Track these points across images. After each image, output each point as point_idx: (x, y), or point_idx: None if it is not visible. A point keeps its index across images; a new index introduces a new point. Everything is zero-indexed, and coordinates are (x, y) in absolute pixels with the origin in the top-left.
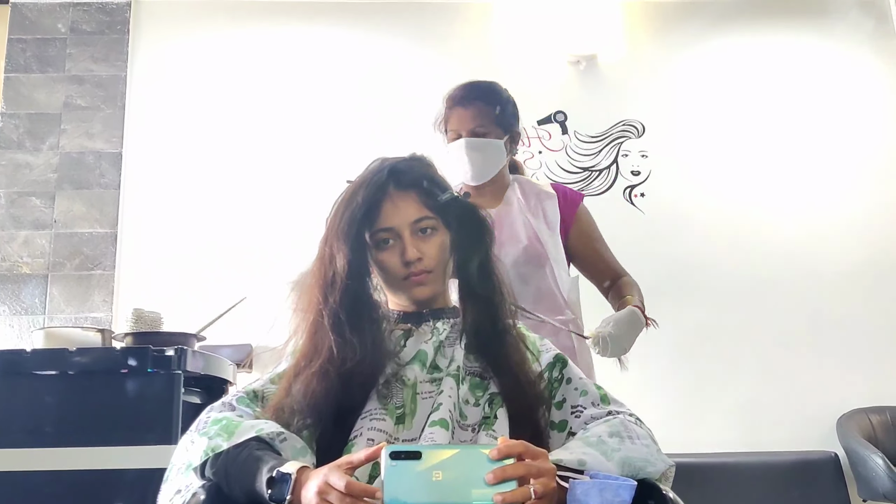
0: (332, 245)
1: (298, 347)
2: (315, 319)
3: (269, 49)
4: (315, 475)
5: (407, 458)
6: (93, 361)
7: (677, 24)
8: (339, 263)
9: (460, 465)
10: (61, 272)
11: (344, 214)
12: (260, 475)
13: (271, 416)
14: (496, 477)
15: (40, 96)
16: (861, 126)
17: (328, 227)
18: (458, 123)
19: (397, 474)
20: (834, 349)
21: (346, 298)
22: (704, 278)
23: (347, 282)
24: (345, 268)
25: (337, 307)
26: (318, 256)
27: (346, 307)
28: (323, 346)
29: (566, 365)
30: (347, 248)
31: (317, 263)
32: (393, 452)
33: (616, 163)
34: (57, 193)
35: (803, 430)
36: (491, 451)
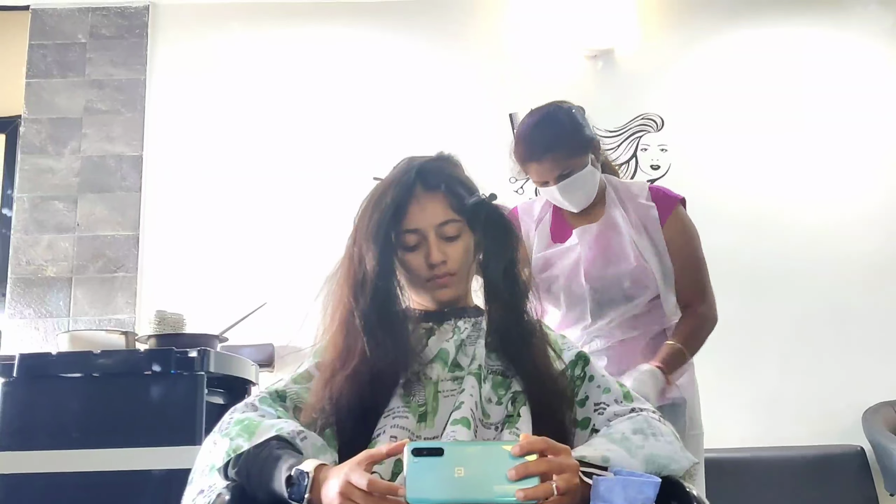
0: (360, 245)
1: (324, 347)
2: (346, 319)
3: (286, 50)
4: (335, 473)
5: (429, 454)
6: (117, 364)
7: (693, 15)
8: (370, 264)
9: (482, 462)
10: (84, 275)
11: (373, 215)
12: (279, 474)
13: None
14: (518, 473)
15: (61, 101)
16: (882, 116)
17: (356, 226)
18: (539, 176)
19: (420, 471)
20: (858, 341)
21: (377, 299)
22: (726, 271)
23: (378, 282)
24: (375, 269)
25: (368, 308)
26: (346, 256)
27: (377, 308)
28: (356, 348)
29: (588, 362)
30: (377, 248)
31: (345, 263)
32: (415, 449)
33: (635, 157)
34: (79, 197)
35: (828, 424)
36: (513, 447)
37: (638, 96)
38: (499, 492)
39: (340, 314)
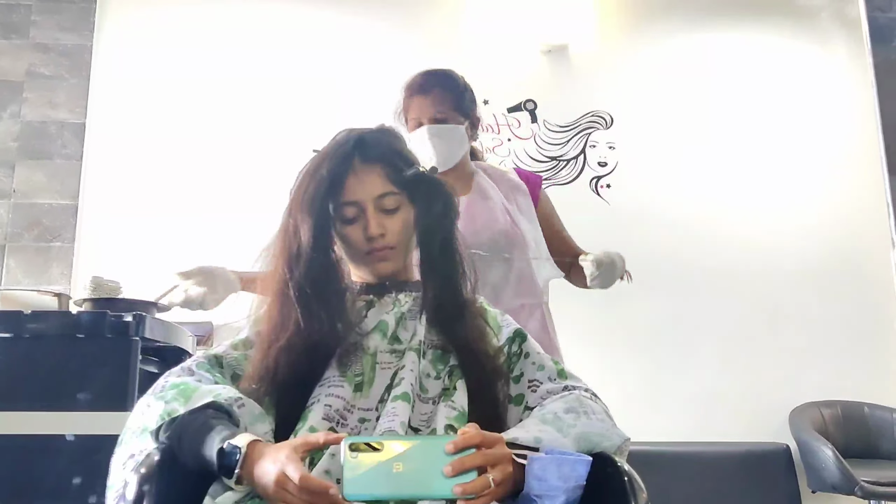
0: (296, 217)
1: (261, 317)
2: (281, 290)
3: (238, 23)
4: (270, 455)
5: (366, 449)
6: (48, 325)
7: (649, 18)
8: (304, 236)
9: (420, 457)
10: (19, 243)
11: (308, 186)
12: (211, 444)
13: (245, 387)
14: (455, 469)
15: (3, 63)
16: (825, 126)
17: (292, 198)
18: (418, 111)
19: (357, 466)
20: (789, 343)
21: (312, 271)
22: (666, 270)
23: (312, 254)
24: (310, 240)
25: (302, 280)
26: (281, 228)
27: (312, 280)
28: (289, 320)
29: (525, 340)
30: (312, 220)
31: (280, 235)
32: (352, 444)
33: (584, 153)
34: (17, 163)
35: (757, 422)
36: (447, 444)
37: (590, 93)
38: (437, 487)
39: (275, 286)
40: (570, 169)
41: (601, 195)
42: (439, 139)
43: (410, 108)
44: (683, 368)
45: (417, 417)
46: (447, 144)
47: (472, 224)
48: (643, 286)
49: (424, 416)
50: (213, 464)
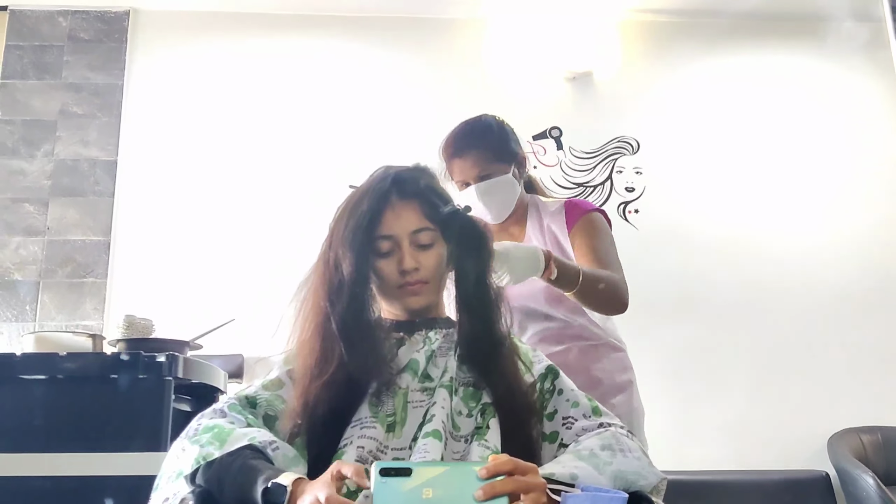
0: (336, 251)
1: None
2: (321, 324)
3: (266, 61)
4: (310, 489)
5: (397, 474)
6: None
7: (672, 42)
8: (346, 269)
9: (450, 483)
10: (53, 279)
11: (349, 221)
12: (255, 485)
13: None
14: (486, 493)
15: (36, 103)
16: (854, 146)
17: (332, 232)
18: (461, 174)
19: (387, 492)
20: (826, 368)
21: (354, 305)
22: (697, 295)
23: (354, 288)
24: (351, 274)
25: (345, 313)
26: (320, 261)
27: (354, 313)
28: (333, 354)
29: (558, 376)
30: (353, 254)
31: (320, 268)
32: (383, 469)
33: (611, 179)
34: (50, 200)
35: (794, 449)
36: (480, 469)
37: (615, 119)
38: None
39: (315, 319)
40: (598, 195)
41: (629, 220)
42: (489, 196)
43: (453, 172)
44: (717, 395)
45: (450, 456)
46: (498, 197)
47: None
48: (673, 312)
49: (457, 454)
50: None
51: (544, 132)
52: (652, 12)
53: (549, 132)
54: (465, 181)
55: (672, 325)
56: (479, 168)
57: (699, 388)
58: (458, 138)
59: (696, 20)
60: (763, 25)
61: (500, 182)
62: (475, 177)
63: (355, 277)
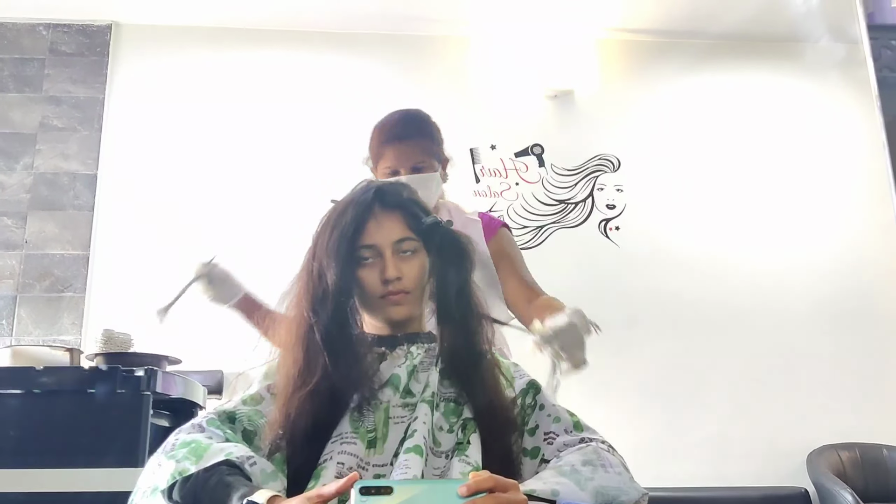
0: (321, 261)
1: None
2: (305, 335)
3: (248, 75)
4: None
5: (377, 493)
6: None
7: (652, 62)
8: (330, 280)
9: (431, 501)
10: (31, 293)
11: (333, 232)
12: (229, 502)
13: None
14: None
15: (16, 116)
16: (832, 164)
17: (316, 243)
18: (395, 160)
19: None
20: (804, 385)
21: (337, 315)
22: (677, 312)
23: (338, 298)
24: (336, 284)
25: (329, 324)
26: (303, 272)
27: (338, 324)
28: (316, 365)
29: (539, 391)
30: (337, 264)
31: (303, 279)
32: (363, 488)
33: (592, 196)
34: (29, 214)
35: (773, 466)
36: (461, 486)
37: (596, 137)
38: None
39: (299, 330)
40: (579, 212)
41: (610, 238)
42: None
43: (384, 156)
44: (697, 411)
45: (430, 471)
46: (426, 193)
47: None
48: (653, 329)
49: (437, 470)
50: None
51: (526, 149)
52: (632, 32)
53: (531, 149)
54: (395, 169)
55: (652, 341)
56: (416, 158)
57: (679, 404)
58: (401, 124)
59: (675, 40)
60: (742, 46)
61: (430, 177)
62: (409, 167)
63: (340, 287)
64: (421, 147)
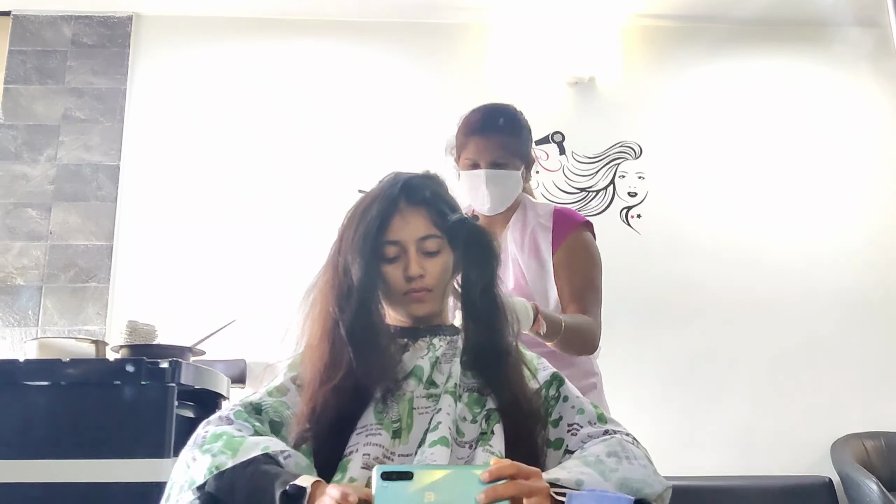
0: (346, 256)
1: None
2: (331, 330)
3: (270, 65)
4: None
5: (399, 478)
6: (86, 372)
7: (675, 48)
8: (355, 275)
9: (452, 487)
10: (55, 284)
11: (359, 227)
12: (273, 488)
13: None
14: (488, 497)
15: (39, 108)
16: (858, 152)
17: (341, 237)
18: (476, 154)
19: (388, 496)
20: (829, 373)
21: (363, 311)
22: (699, 300)
23: (363, 294)
24: (361, 280)
25: (354, 319)
26: (329, 266)
27: (363, 320)
28: (342, 360)
29: (563, 383)
30: (362, 260)
31: (329, 273)
32: (385, 473)
33: (613, 184)
34: (53, 205)
35: (797, 455)
36: (482, 472)
37: (617, 124)
38: None
39: (324, 324)
40: (600, 200)
41: (632, 225)
42: (495, 185)
43: (467, 148)
44: (719, 400)
45: (454, 462)
46: (503, 190)
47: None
48: (675, 318)
49: (461, 460)
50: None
51: (547, 137)
52: (654, 17)
53: (552, 137)
54: (476, 162)
55: (674, 331)
56: (498, 154)
57: (702, 394)
58: (489, 117)
59: (698, 25)
60: (766, 31)
61: (511, 175)
62: (490, 161)
63: (364, 283)
64: (504, 144)
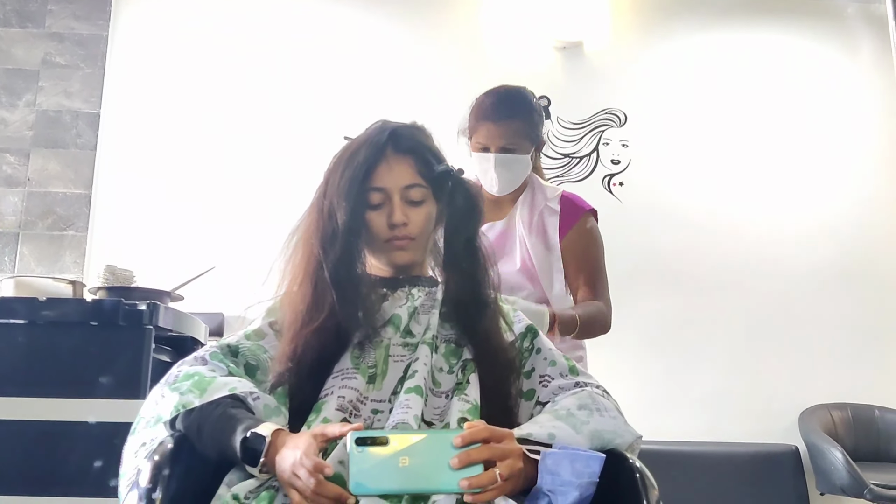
0: (332, 200)
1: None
2: (314, 271)
3: (257, 19)
4: (291, 443)
5: (373, 443)
6: (63, 312)
7: (664, 17)
8: (340, 219)
9: (427, 451)
10: (33, 231)
11: (345, 172)
12: (235, 434)
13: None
14: (461, 461)
15: (18, 52)
16: (839, 126)
17: (327, 181)
18: (486, 138)
19: (363, 461)
20: (800, 345)
21: (347, 254)
22: (678, 269)
23: (348, 237)
24: (346, 223)
25: (338, 262)
26: (313, 210)
27: (347, 263)
28: (325, 302)
29: (537, 335)
30: (348, 204)
31: (313, 216)
32: (359, 438)
33: (597, 151)
34: (32, 151)
35: (767, 423)
36: (455, 437)
37: (603, 91)
38: (443, 481)
39: (307, 267)
40: (583, 166)
41: (614, 193)
42: (504, 168)
43: (478, 132)
44: (694, 368)
45: (430, 411)
46: (512, 173)
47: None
48: (653, 285)
49: (437, 409)
50: (237, 452)
51: None
52: None
53: (537, 100)
54: (486, 146)
55: (652, 298)
56: (507, 139)
57: (677, 360)
58: (500, 103)
59: None
60: (757, 3)
61: (520, 160)
62: (500, 146)
63: (349, 226)
64: (514, 129)
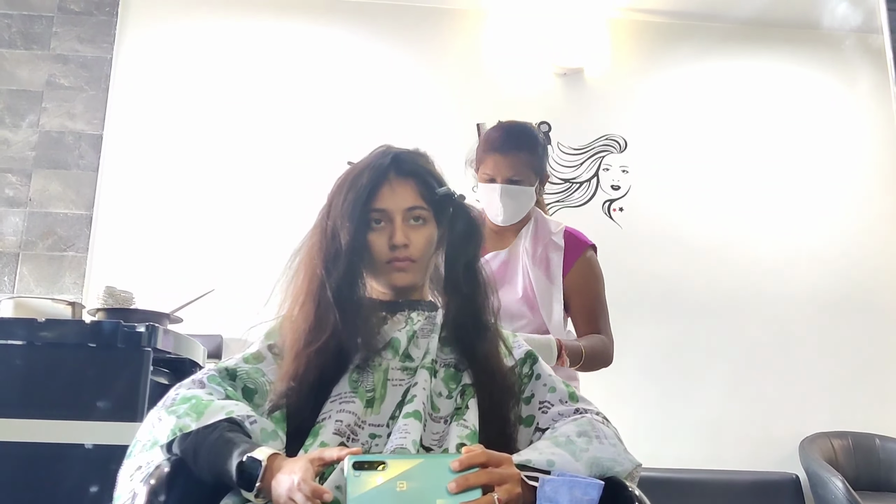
0: (335, 221)
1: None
2: (317, 292)
3: (258, 42)
4: (287, 468)
5: (370, 468)
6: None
7: (664, 44)
8: (344, 239)
9: (424, 475)
10: (33, 251)
11: (348, 194)
12: (231, 458)
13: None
14: (459, 486)
15: (23, 73)
16: (839, 154)
17: (330, 203)
18: (493, 169)
19: (360, 485)
20: (800, 372)
21: (349, 275)
22: (678, 295)
23: (351, 258)
24: (349, 244)
25: (341, 283)
26: (317, 230)
27: (349, 284)
28: (327, 322)
29: (536, 361)
30: (351, 225)
31: (317, 237)
32: (356, 463)
33: (597, 176)
34: (34, 172)
35: (766, 451)
36: (453, 461)
37: (604, 117)
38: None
39: (311, 287)
40: (584, 192)
41: (614, 218)
42: (509, 198)
43: (486, 162)
44: (693, 395)
45: (429, 436)
46: (517, 203)
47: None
48: (652, 311)
49: (436, 435)
50: (233, 477)
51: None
52: (645, 12)
53: (538, 127)
54: (492, 177)
55: (651, 324)
56: (515, 171)
57: (676, 387)
58: (508, 136)
59: (689, 23)
60: (756, 32)
61: (525, 191)
62: (506, 178)
63: (352, 247)
64: (520, 161)
